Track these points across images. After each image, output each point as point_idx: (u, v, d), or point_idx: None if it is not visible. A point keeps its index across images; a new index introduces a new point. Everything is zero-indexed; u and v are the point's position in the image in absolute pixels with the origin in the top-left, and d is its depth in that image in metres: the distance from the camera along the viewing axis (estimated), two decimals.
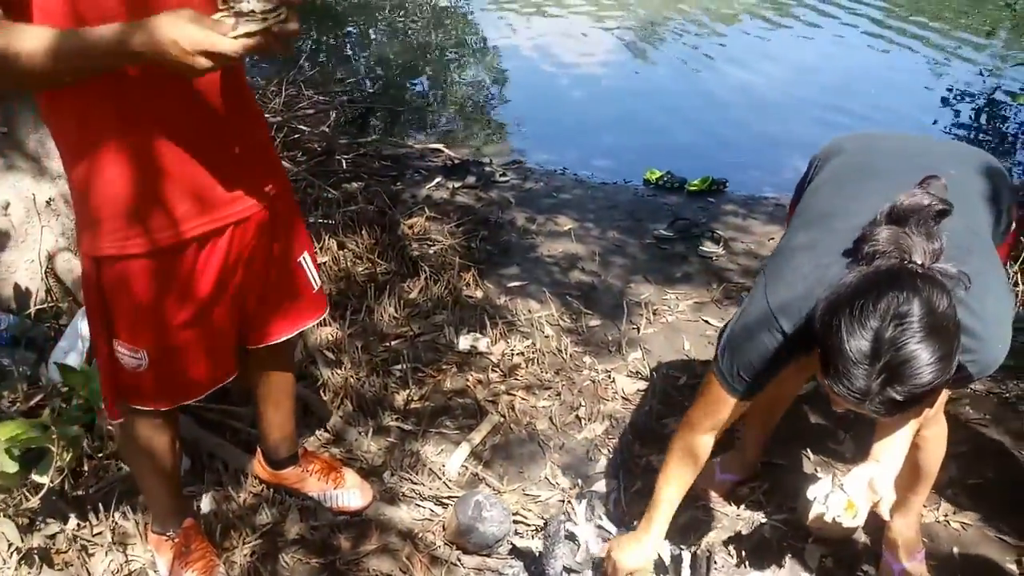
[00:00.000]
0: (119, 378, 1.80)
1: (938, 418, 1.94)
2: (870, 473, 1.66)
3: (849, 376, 1.35)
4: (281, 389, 2.22)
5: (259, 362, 2.13)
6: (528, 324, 3.30)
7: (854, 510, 1.65)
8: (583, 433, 2.72)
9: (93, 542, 2.20)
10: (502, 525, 2.20)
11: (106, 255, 1.65)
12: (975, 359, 1.51)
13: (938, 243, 1.42)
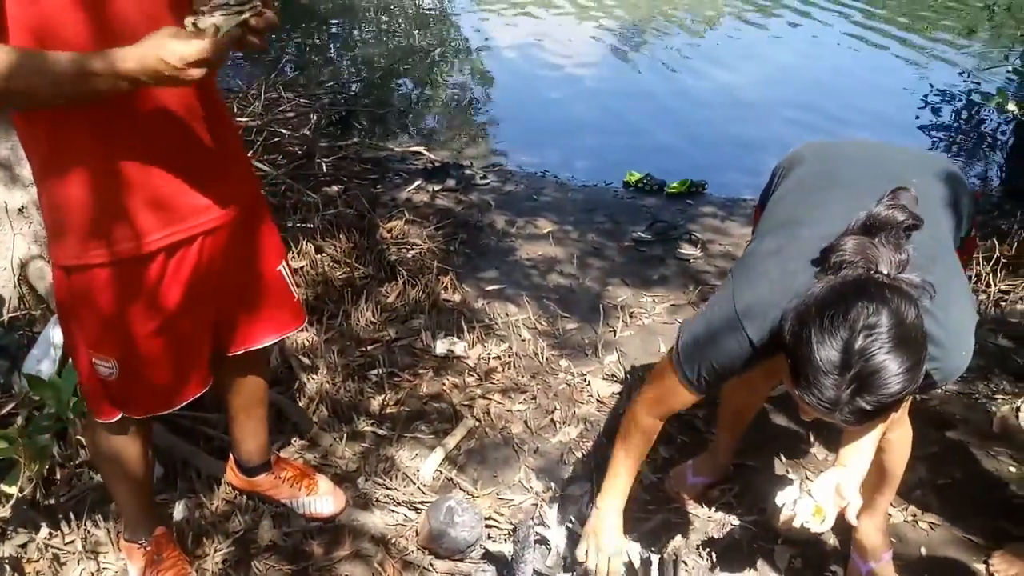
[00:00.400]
0: (98, 383, 1.80)
1: (902, 421, 1.97)
2: (837, 478, 1.69)
3: (819, 386, 1.37)
4: (255, 397, 2.22)
5: (234, 369, 2.13)
6: (505, 327, 3.31)
7: (822, 515, 1.67)
8: (557, 437, 2.74)
9: (65, 551, 2.20)
10: (474, 530, 2.21)
11: (72, 264, 1.66)
12: (939, 367, 1.53)
13: (904, 254, 1.44)
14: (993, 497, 2.45)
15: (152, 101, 1.58)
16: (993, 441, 2.66)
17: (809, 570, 2.22)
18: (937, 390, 2.87)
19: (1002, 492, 2.47)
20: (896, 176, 1.65)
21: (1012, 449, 2.62)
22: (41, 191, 1.66)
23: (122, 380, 1.78)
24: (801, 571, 2.22)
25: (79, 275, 1.67)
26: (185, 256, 1.74)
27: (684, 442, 2.68)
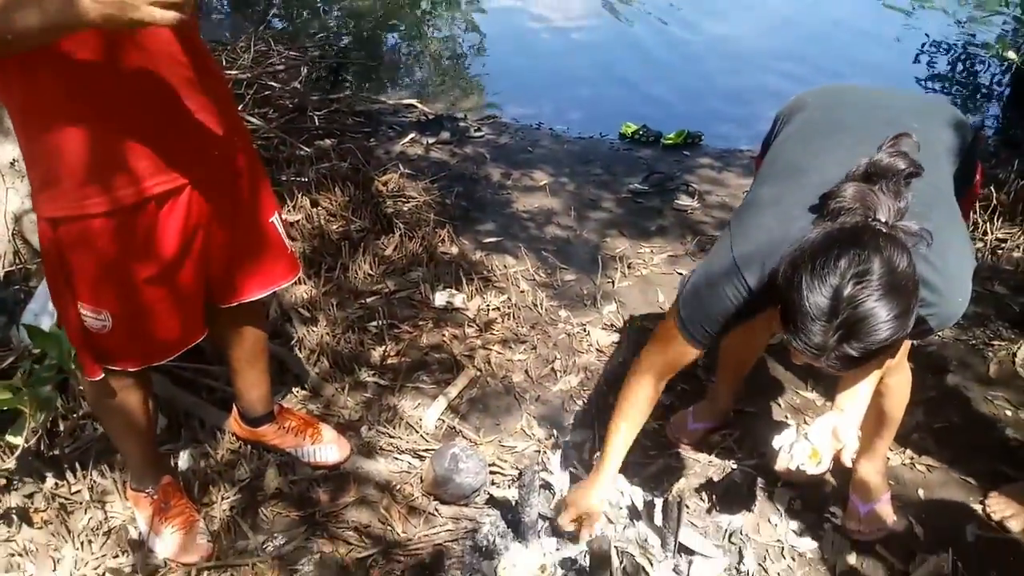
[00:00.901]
0: (88, 338, 1.79)
1: (901, 366, 1.98)
2: (833, 422, 1.71)
3: (807, 332, 1.38)
4: (254, 348, 2.22)
5: (232, 321, 2.12)
6: (503, 279, 3.30)
7: (818, 458, 1.70)
8: (558, 385, 2.75)
9: (72, 500, 2.21)
10: (478, 476, 2.23)
11: (64, 216, 1.64)
12: (935, 312, 1.54)
13: (904, 201, 1.44)
14: (990, 440, 2.49)
15: (136, 50, 1.55)
16: (990, 386, 2.69)
17: (809, 512, 2.26)
18: (935, 336, 2.90)
19: (999, 435, 2.50)
20: (898, 122, 1.63)
21: (1009, 394, 2.65)
22: (23, 142, 1.63)
23: (115, 332, 1.78)
24: (801, 513, 2.26)
25: (70, 226, 1.65)
26: (176, 205, 1.71)
27: (684, 390, 2.70)
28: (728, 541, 2.17)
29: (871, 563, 2.11)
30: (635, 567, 2.02)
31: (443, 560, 2.07)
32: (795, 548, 2.16)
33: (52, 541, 2.10)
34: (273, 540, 2.14)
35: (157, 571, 2.04)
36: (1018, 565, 2.09)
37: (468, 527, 2.19)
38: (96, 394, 1.96)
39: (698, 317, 1.71)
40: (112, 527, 2.15)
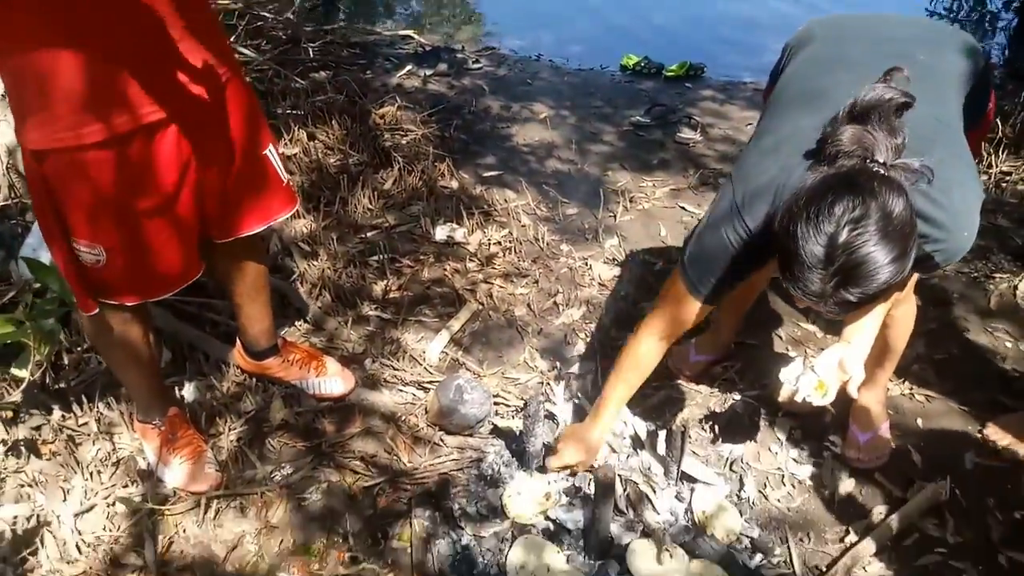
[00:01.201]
0: (82, 273, 1.77)
1: (908, 297, 1.98)
2: (840, 354, 1.71)
3: (804, 280, 1.37)
4: (255, 282, 2.20)
5: (231, 256, 2.10)
6: (504, 213, 3.28)
7: (824, 390, 1.71)
8: (560, 318, 2.75)
9: (79, 432, 2.22)
10: (483, 407, 2.25)
11: (51, 148, 1.59)
12: (941, 248, 1.53)
13: (900, 137, 1.40)
14: (989, 371, 2.51)
15: None
16: (991, 318, 2.71)
17: (809, 440, 2.29)
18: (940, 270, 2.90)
19: (998, 366, 2.52)
20: (901, 54, 1.58)
21: (1009, 325, 2.67)
22: (9, 75, 1.57)
23: (110, 267, 1.76)
24: (801, 441, 2.29)
25: (63, 158, 1.61)
26: (167, 136, 1.67)
27: None
28: (729, 469, 2.20)
29: (869, 490, 2.15)
30: (638, 494, 2.05)
31: (449, 488, 2.10)
32: (795, 476, 2.19)
33: (61, 472, 2.12)
34: (280, 470, 2.16)
35: (167, 500, 2.07)
36: (1015, 492, 2.12)
37: (473, 456, 2.22)
38: (94, 329, 1.95)
39: (702, 267, 1.71)
40: (120, 458, 2.17)
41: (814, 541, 2.02)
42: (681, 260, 1.76)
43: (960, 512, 2.07)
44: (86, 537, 1.96)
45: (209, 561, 1.94)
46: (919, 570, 1.94)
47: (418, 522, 2.02)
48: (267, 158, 1.96)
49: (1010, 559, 1.96)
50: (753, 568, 1.94)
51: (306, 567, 1.91)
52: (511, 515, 2.01)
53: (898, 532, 2.00)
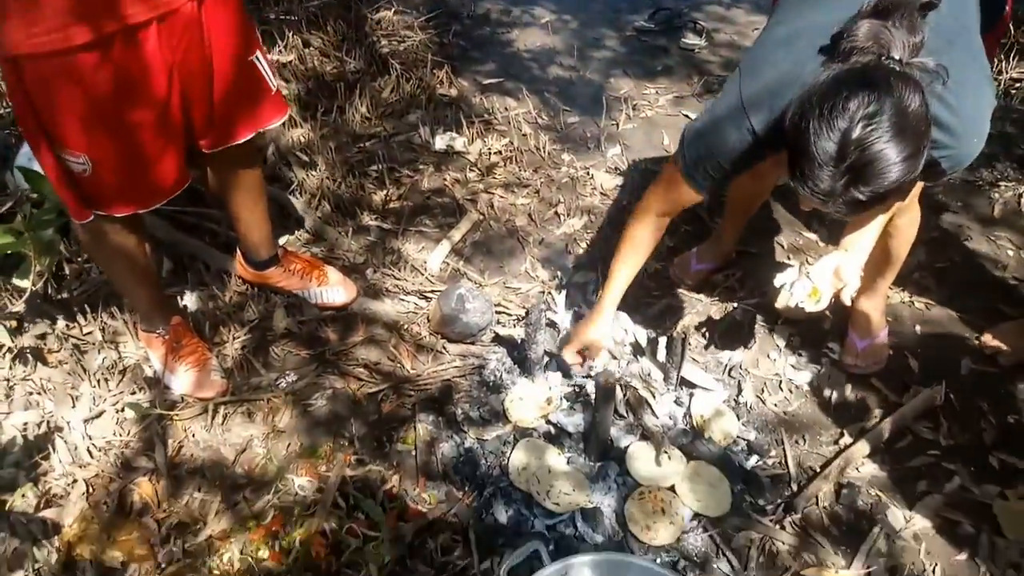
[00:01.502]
0: (72, 182, 1.75)
1: (912, 207, 1.97)
2: (837, 262, 1.71)
3: (814, 177, 1.34)
4: (252, 192, 2.18)
5: (226, 166, 2.08)
6: (505, 122, 3.22)
7: (817, 296, 1.72)
8: (562, 228, 2.74)
9: (84, 341, 2.24)
10: (484, 315, 2.26)
11: (38, 52, 1.53)
12: (949, 154, 1.50)
13: (919, 36, 1.35)
14: (990, 279, 2.51)
15: None
16: (994, 226, 2.70)
17: (807, 347, 2.31)
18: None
19: (999, 274, 2.53)
20: None
21: (1011, 234, 2.66)
22: None
23: (97, 175, 1.73)
24: (799, 348, 2.31)
25: (41, 64, 1.55)
26: (149, 39, 1.62)
27: (688, 231, 2.70)
28: (728, 375, 2.23)
29: (866, 395, 2.18)
30: (638, 399, 2.08)
31: (452, 394, 2.14)
32: (792, 381, 2.22)
33: (68, 380, 2.15)
34: (285, 377, 2.19)
35: (175, 406, 2.10)
36: (1009, 397, 2.16)
37: (475, 364, 2.25)
38: (90, 241, 1.94)
39: (701, 161, 1.68)
40: (127, 366, 2.19)
41: (809, 443, 2.07)
42: (680, 146, 1.73)
43: (954, 416, 2.11)
44: (97, 442, 2.00)
45: (219, 464, 1.98)
46: (911, 471, 1.99)
47: (422, 426, 2.06)
48: (255, 64, 1.91)
49: (1001, 461, 2.00)
50: (749, 469, 1.99)
51: (314, 469, 1.96)
52: (513, 419, 2.05)
53: (892, 435, 2.04)
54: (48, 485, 1.90)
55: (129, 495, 1.90)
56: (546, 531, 1.83)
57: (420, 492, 1.92)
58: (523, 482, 1.90)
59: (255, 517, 1.85)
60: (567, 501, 1.86)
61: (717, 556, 1.81)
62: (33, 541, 1.78)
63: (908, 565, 1.80)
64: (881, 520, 1.88)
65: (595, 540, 1.81)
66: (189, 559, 1.78)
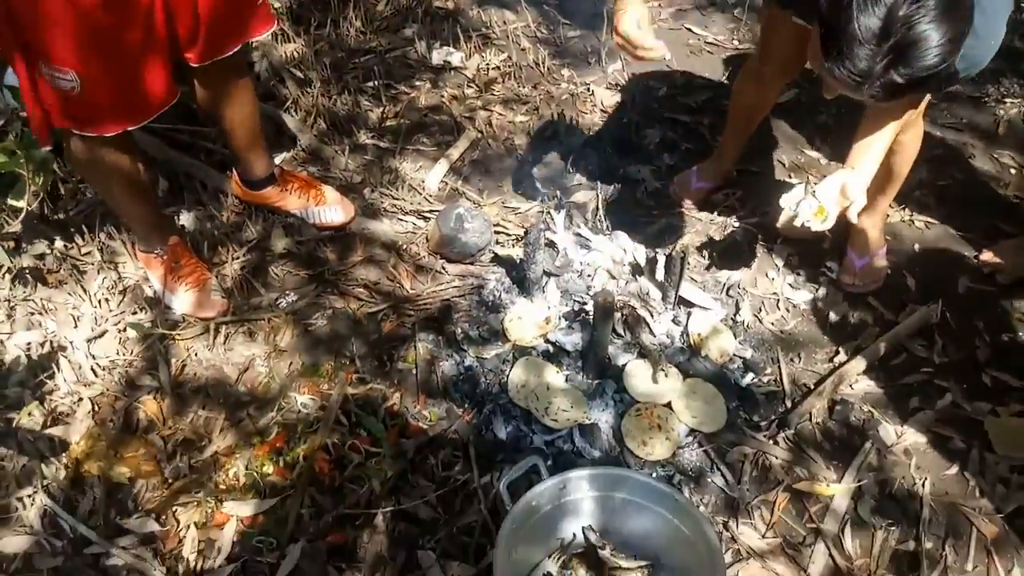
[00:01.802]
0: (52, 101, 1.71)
1: (916, 122, 1.94)
2: (843, 179, 1.69)
3: (852, 57, 1.30)
4: (244, 107, 2.14)
5: (214, 80, 2.03)
6: (503, 36, 3.14)
7: (823, 215, 1.70)
8: (562, 147, 2.71)
9: (83, 261, 2.24)
10: (483, 235, 2.25)
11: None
12: (968, 54, 1.46)
13: None
14: (990, 197, 2.50)
15: None
16: (997, 144, 2.66)
17: (806, 266, 2.31)
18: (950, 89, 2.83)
19: (1000, 193, 2.51)
20: None
21: (1015, 151, 2.63)
22: None
23: (86, 94, 1.69)
24: (798, 268, 2.31)
25: None
26: None
27: (688, 149, 2.67)
28: (726, 294, 2.24)
29: (862, 314, 2.20)
30: (636, 318, 2.10)
31: (451, 313, 2.15)
32: (790, 300, 2.23)
33: (69, 300, 2.16)
34: (285, 297, 2.20)
35: (176, 326, 2.12)
36: (1004, 315, 2.18)
37: (474, 283, 2.25)
38: (81, 161, 1.91)
39: None
40: (127, 286, 2.20)
41: (804, 361, 2.09)
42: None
43: (949, 334, 2.13)
44: (100, 361, 2.03)
45: (222, 382, 2.01)
46: (905, 388, 2.02)
47: (422, 345, 2.08)
48: None
49: (993, 378, 2.03)
50: (744, 386, 2.02)
51: (316, 387, 1.99)
52: (512, 338, 2.07)
53: (887, 353, 2.06)
54: (54, 403, 1.93)
55: (134, 413, 1.94)
56: (544, 447, 1.87)
57: (421, 409, 1.95)
58: (522, 399, 1.93)
59: (259, 434, 1.89)
60: (565, 418, 1.90)
61: (711, 470, 1.86)
62: (41, 458, 1.82)
63: (898, 479, 1.84)
64: (873, 436, 1.92)
65: (592, 455, 1.85)
66: (195, 475, 1.82)
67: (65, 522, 1.73)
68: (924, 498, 1.81)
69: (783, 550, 1.73)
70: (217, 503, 1.77)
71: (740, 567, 1.69)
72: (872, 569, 1.70)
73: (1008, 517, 1.78)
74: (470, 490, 1.80)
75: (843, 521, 1.78)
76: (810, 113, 2.78)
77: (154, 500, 1.78)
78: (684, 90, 2.91)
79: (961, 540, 1.75)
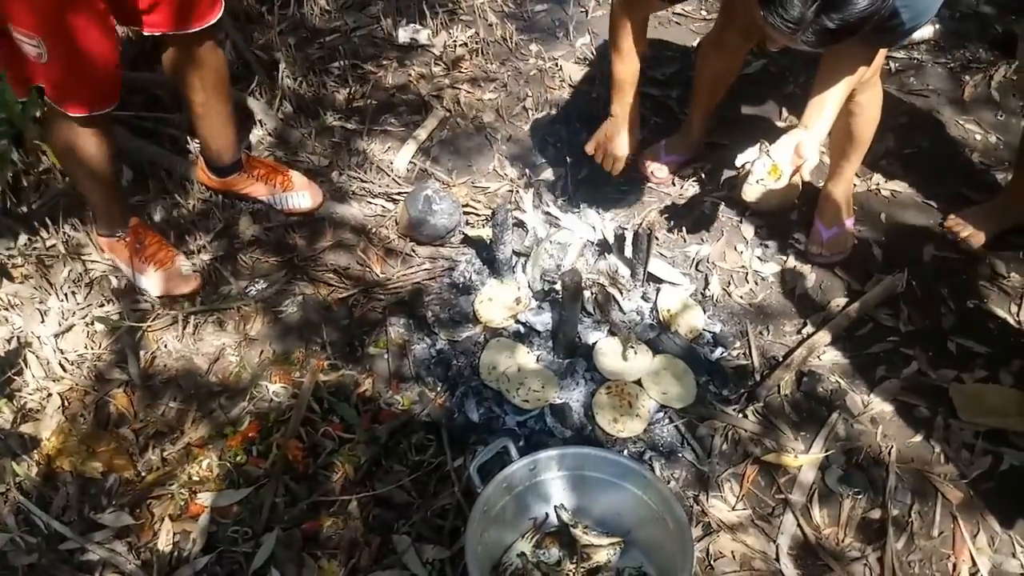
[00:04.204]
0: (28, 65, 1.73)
1: (873, 82, 1.96)
2: (797, 139, 1.73)
3: (784, 4, 1.34)
4: (214, 89, 2.10)
5: (185, 56, 2.00)
6: (470, 12, 3.11)
7: (777, 173, 1.75)
8: (530, 123, 2.69)
9: (48, 255, 2.22)
10: (452, 216, 2.25)
11: None
12: (910, 4, 1.50)
13: None
14: (956, 164, 2.51)
15: None
16: (963, 110, 2.68)
17: (774, 239, 2.33)
18: (915, 55, 2.83)
19: (966, 159, 2.53)
20: None
21: (981, 117, 2.64)
22: None
23: (53, 63, 1.71)
24: (766, 240, 2.32)
25: None
26: None
27: (657, 123, 2.66)
28: (695, 269, 2.25)
29: (830, 284, 2.22)
30: (606, 296, 2.10)
31: (422, 297, 2.15)
32: (759, 273, 2.25)
33: (36, 294, 2.14)
34: (255, 284, 2.19)
35: (145, 316, 2.11)
36: (969, 283, 2.20)
37: (445, 266, 2.25)
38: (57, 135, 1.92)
39: None
40: (93, 278, 2.18)
41: (773, 334, 2.11)
42: None
43: (914, 303, 2.15)
44: (69, 356, 2.01)
45: (192, 373, 2.01)
46: (871, 357, 2.05)
47: (393, 330, 2.08)
48: None
49: (958, 345, 2.06)
50: (713, 361, 2.04)
51: (287, 375, 1.99)
52: (483, 320, 2.07)
53: (853, 322, 2.09)
54: (23, 400, 1.93)
55: (105, 407, 1.93)
56: (516, 427, 1.88)
57: (393, 394, 1.96)
58: (494, 381, 1.95)
59: (231, 424, 1.89)
60: (536, 398, 1.91)
61: (682, 446, 1.88)
62: (12, 456, 1.82)
63: (865, 448, 1.87)
64: (840, 406, 1.95)
65: (564, 435, 1.87)
66: (168, 467, 1.82)
67: (39, 519, 1.73)
68: (890, 466, 1.84)
69: (752, 522, 1.76)
70: (191, 495, 1.77)
71: (711, 540, 1.72)
72: (840, 538, 1.74)
73: (973, 483, 1.82)
74: (443, 473, 1.81)
75: (811, 491, 1.81)
76: (777, 84, 2.78)
77: (127, 494, 1.78)
78: (653, 63, 2.89)
79: (927, 506, 1.79)
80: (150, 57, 2.08)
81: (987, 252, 2.25)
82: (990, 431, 1.89)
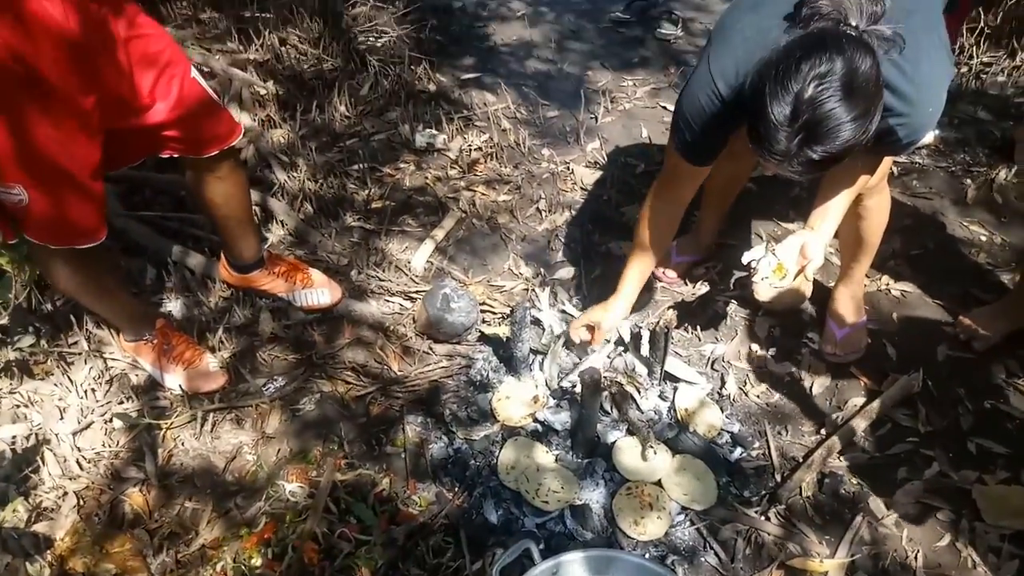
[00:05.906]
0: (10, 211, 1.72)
1: (880, 187, 2.01)
2: (802, 239, 1.77)
3: (771, 139, 1.40)
4: (235, 205, 2.16)
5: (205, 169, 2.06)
6: (484, 118, 3.23)
7: (782, 272, 1.78)
8: (544, 224, 2.76)
9: (70, 352, 2.24)
10: (470, 315, 2.28)
11: None
12: (905, 122, 1.55)
13: (880, 6, 1.40)
14: (963, 264, 2.56)
15: None
16: (967, 212, 2.74)
17: (787, 338, 2.35)
18: (917, 160, 2.91)
19: (972, 260, 2.57)
20: None
21: (984, 218, 2.71)
22: None
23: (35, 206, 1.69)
24: (780, 339, 2.34)
25: None
26: None
27: None
28: (711, 368, 2.26)
29: (845, 383, 2.22)
30: (624, 395, 2.11)
31: (439, 394, 2.16)
32: (774, 373, 2.26)
33: (56, 391, 2.14)
34: (273, 382, 2.20)
35: (164, 413, 2.11)
36: (984, 382, 2.21)
37: (462, 363, 2.27)
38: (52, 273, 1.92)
39: (682, 127, 1.76)
40: (114, 375, 2.19)
41: (791, 434, 2.10)
42: (672, 126, 1.83)
43: (932, 402, 2.15)
44: (86, 453, 2.01)
45: (209, 471, 1.99)
46: (891, 458, 2.03)
47: (411, 428, 2.08)
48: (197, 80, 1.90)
49: (978, 445, 2.05)
50: (733, 461, 2.03)
51: (304, 474, 1.97)
52: (501, 418, 2.07)
53: (872, 423, 2.08)
54: (39, 498, 1.91)
55: (120, 506, 1.91)
56: (536, 529, 1.86)
57: (411, 494, 1.94)
58: (512, 481, 1.93)
59: (247, 524, 1.87)
60: (556, 499, 1.89)
61: (704, 549, 1.85)
62: (25, 556, 1.79)
63: (891, 552, 1.84)
64: (863, 508, 1.93)
65: (585, 537, 1.84)
66: (182, 569, 1.79)
67: None
68: (917, 571, 1.80)
69: None
70: None
71: None
72: None
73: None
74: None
75: None
76: (783, 187, 2.85)
77: None
78: (661, 166, 2.98)
79: None
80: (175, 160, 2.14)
81: (999, 352, 2.27)
82: (1016, 534, 1.86)
